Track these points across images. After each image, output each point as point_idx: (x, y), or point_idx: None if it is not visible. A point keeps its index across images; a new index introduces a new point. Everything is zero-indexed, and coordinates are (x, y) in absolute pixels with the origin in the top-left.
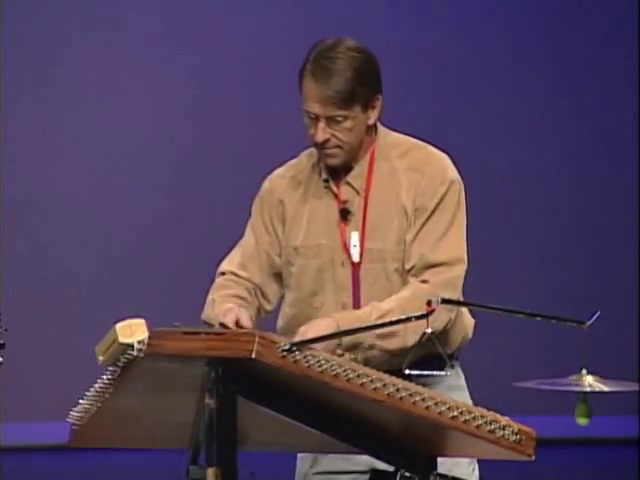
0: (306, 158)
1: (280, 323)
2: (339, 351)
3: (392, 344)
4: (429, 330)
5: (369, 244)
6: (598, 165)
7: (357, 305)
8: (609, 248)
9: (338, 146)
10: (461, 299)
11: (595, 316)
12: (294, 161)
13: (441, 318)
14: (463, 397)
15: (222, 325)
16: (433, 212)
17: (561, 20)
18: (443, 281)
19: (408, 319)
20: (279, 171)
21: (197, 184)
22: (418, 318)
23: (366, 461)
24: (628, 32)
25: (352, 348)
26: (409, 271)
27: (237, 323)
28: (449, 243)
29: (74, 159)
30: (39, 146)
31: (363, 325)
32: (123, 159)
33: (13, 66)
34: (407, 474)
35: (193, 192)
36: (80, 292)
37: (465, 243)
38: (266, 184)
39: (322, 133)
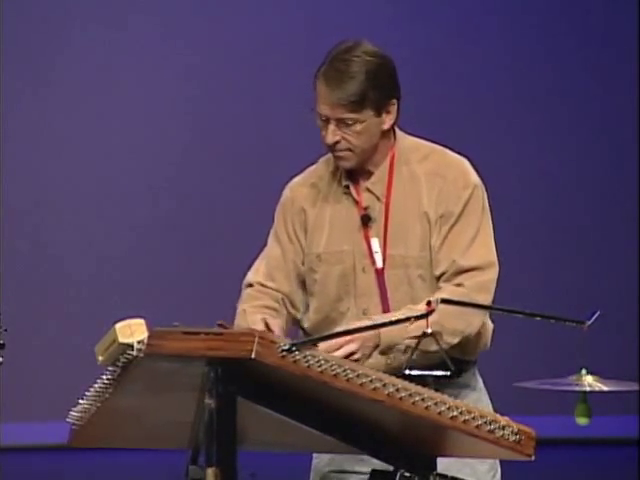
0: (324, 165)
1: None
2: (376, 354)
3: (428, 345)
4: (429, 330)
5: (391, 250)
6: (598, 165)
7: (385, 311)
8: (609, 248)
9: (349, 149)
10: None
11: (595, 316)
12: (312, 168)
13: (475, 322)
14: (481, 399)
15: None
16: (459, 217)
17: (561, 20)
18: (477, 284)
19: (408, 319)
20: (298, 179)
21: (197, 184)
22: (418, 318)
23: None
24: (628, 32)
25: (387, 351)
26: (439, 277)
27: (268, 328)
28: (479, 247)
29: (74, 159)
30: (39, 146)
31: (401, 331)
32: (123, 159)
33: (13, 66)
34: (407, 474)
35: (193, 192)
36: (80, 292)
37: (494, 246)
38: (287, 192)
39: (332, 135)
